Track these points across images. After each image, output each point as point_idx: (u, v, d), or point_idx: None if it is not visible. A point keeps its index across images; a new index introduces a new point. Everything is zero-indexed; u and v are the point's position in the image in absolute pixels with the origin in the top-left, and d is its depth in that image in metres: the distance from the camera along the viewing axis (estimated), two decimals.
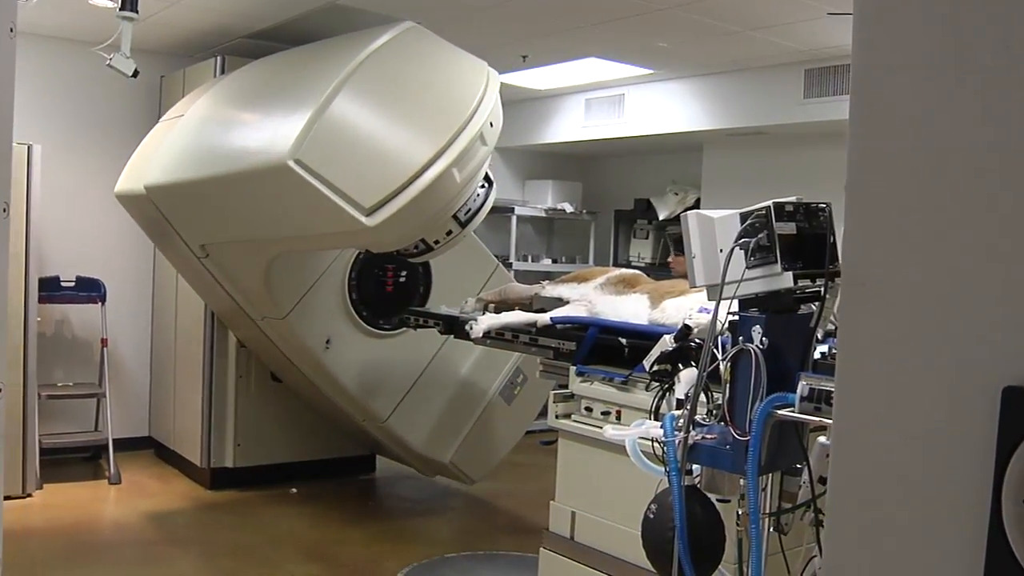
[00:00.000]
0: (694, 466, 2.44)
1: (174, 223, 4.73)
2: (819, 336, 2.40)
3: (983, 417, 0.86)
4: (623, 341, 3.33)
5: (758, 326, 2.32)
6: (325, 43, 4.82)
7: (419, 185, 3.76)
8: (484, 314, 4.03)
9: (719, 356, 2.38)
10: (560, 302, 3.82)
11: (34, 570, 4.40)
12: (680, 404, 2.55)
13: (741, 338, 2.35)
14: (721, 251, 2.42)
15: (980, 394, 0.86)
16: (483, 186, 4.29)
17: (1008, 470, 0.84)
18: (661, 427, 2.45)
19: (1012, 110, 0.87)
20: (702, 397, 2.43)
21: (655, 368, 2.89)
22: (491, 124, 4.10)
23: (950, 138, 0.92)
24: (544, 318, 3.66)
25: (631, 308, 3.49)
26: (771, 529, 2.42)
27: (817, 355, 2.40)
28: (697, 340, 2.76)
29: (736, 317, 2.41)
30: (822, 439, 2.26)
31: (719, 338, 2.40)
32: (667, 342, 2.83)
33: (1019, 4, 0.86)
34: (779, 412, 2.22)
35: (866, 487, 0.97)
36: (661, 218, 7.69)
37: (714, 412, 2.42)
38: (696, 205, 7.30)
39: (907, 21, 0.95)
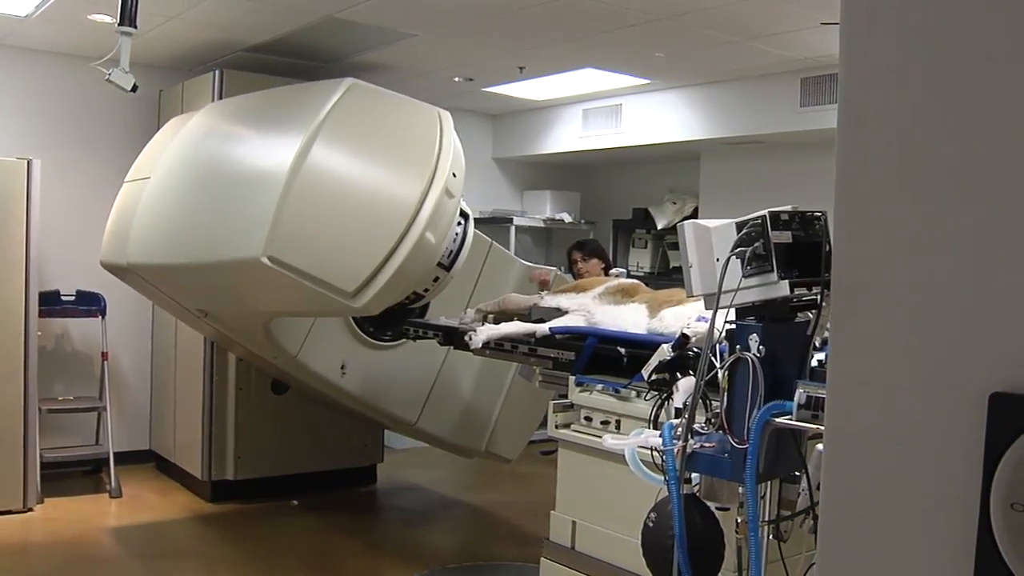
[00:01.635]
0: (693, 474, 2.45)
1: (166, 292, 4.72)
2: (816, 344, 2.40)
3: (971, 423, 0.87)
4: (622, 351, 3.34)
5: (755, 335, 2.33)
6: (274, 100, 4.66)
7: (397, 259, 3.72)
8: (483, 324, 4.04)
9: (717, 365, 2.39)
10: (559, 312, 3.82)
11: None
12: (679, 413, 2.56)
13: (738, 347, 2.36)
14: (718, 260, 2.43)
15: (968, 400, 0.87)
16: (459, 223, 4.23)
17: (996, 475, 0.85)
18: (660, 436, 2.45)
19: (997, 119, 0.88)
20: (700, 406, 2.44)
21: (653, 377, 2.90)
22: (454, 175, 4.00)
23: (937, 147, 0.93)
24: (543, 328, 3.66)
25: (630, 317, 3.50)
26: (770, 537, 2.42)
27: (814, 363, 2.41)
28: (695, 349, 2.77)
29: (733, 326, 2.42)
30: (820, 446, 2.26)
31: (717, 347, 2.42)
32: (665, 351, 2.84)
33: (1002, 15, 0.88)
34: (777, 420, 2.23)
35: (857, 492, 0.98)
36: (659, 227, 7.70)
37: (712, 421, 2.43)
38: (694, 214, 7.32)
39: (893, 31, 0.96)
